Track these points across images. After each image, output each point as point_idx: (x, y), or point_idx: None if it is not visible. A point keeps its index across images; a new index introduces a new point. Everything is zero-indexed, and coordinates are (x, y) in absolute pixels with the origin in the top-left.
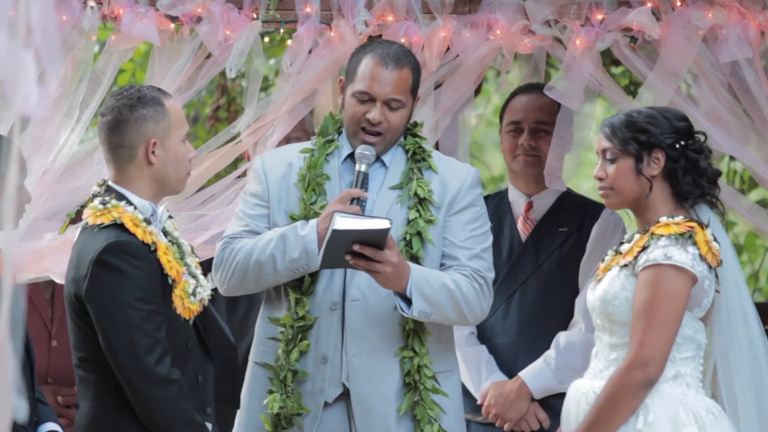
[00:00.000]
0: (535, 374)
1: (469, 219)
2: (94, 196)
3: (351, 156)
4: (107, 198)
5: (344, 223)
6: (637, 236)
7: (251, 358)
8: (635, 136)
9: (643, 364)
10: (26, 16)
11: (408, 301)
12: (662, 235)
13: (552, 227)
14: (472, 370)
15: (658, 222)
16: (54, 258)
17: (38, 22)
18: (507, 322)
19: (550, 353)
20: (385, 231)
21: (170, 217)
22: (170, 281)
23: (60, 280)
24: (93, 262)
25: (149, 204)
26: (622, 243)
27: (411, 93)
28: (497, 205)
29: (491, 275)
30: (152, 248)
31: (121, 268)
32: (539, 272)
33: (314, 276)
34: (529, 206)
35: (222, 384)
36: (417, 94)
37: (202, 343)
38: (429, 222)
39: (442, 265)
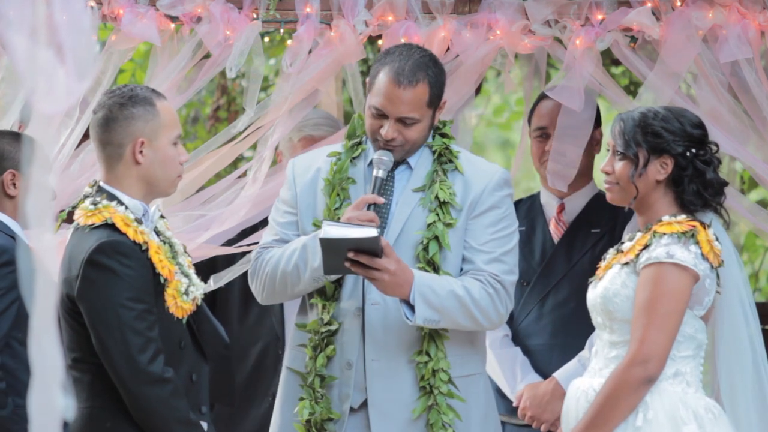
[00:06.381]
0: (570, 374)
1: (491, 222)
2: (86, 196)
3: None
4: (98, 198)
5: (330, 231)
6: (638, 235)
7: (284, 363)
8: (646, 139)
9: (644, 361)
10: (45, 17)
11: (413, 309)
12: (664, 234)
13: (584, 229)
14: (507, 372)
15: (661, 221)
16: None
17: (68, 23)
18: (541, 324)
19: (585, 353)
20: (374, 239)
21: (162, 216)
22: (162, 280)
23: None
24: (84, 263)
25: (140, 204)
26: (623, 242)
27: (428, 106)
28: (529, 208)
29: (512, 278)
30: (143, 248)
31: (113, 267)
32: (572, 273)
33: (339, 282)
34: (561, 208)
35: (217, 383)
36: (440, 101)
37: (196, 343)
38: (448, 225)
39: (461, 268)
